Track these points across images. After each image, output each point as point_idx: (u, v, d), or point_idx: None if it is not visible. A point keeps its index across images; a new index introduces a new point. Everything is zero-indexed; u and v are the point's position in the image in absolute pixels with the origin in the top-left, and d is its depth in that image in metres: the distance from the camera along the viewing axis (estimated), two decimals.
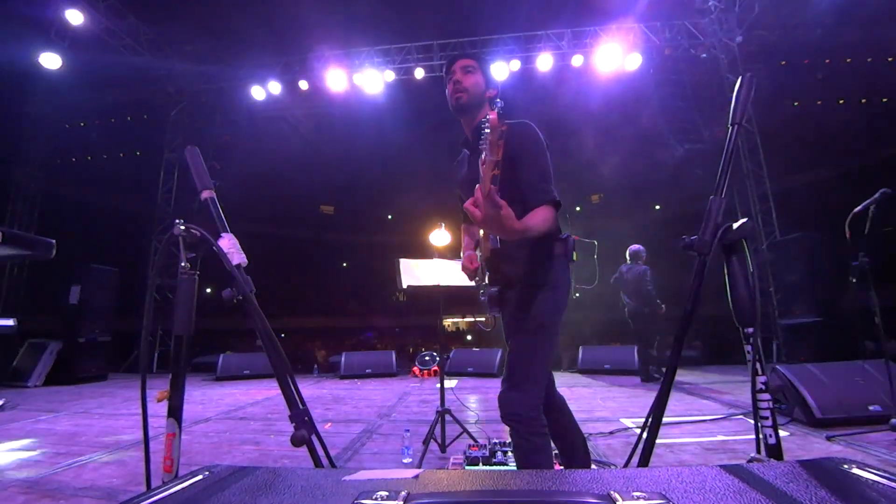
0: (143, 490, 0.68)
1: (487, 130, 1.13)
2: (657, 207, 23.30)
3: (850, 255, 2.81)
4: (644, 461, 1.25)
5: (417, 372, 7.51)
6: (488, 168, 1.14)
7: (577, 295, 5.33)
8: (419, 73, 9.40)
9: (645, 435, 1.30)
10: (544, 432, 1.40)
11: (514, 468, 1.80)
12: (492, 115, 1.11)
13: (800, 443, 2.75)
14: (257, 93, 9.83)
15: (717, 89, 8.94)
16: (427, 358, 7.73)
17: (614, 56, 8.79)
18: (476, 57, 1.65)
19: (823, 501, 0.52)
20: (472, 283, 1.80)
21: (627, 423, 3.43)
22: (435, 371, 7.29)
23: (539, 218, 1.35)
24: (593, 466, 2.20)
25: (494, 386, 1.54)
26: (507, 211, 1.17)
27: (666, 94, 9.73)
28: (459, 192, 1.72)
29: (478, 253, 1.77)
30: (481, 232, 1.61)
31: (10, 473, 2.37)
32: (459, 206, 1.67)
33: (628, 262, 6.01)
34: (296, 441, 1.27)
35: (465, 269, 1.76)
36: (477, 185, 1.15)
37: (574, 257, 1.56)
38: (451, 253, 3.25)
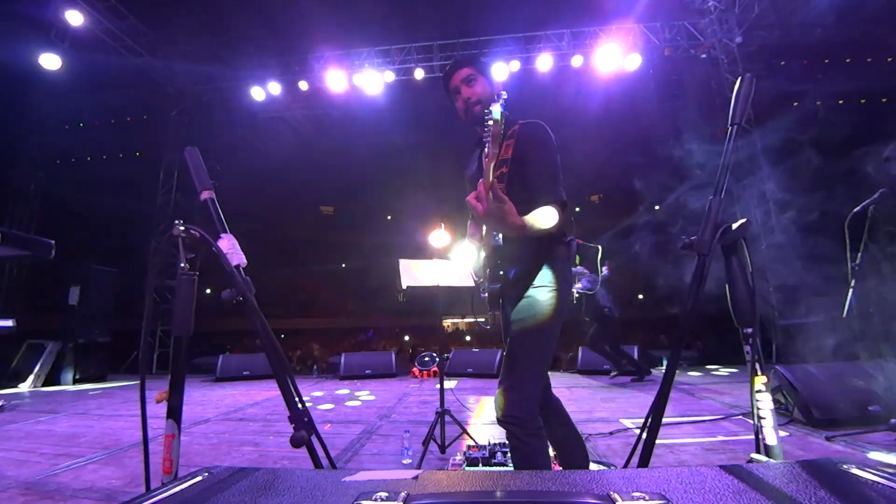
0: (143, 491, 0.68)
1: (490, 122, 1.11)
2: (657, 208, 23.33)
3: (850, 255, 2.81)
4: (644, 462, 1.25)
5: (417, 373, 7.50)
6: (491, 161, 1.13)
7: (577, 295, 5.36)
8: (419, 74, 9.38)
9: (644, 435, 1.30)
10: (540, 434, 1.39)
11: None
12: (493, 106, 1.08)
13: (799, 443, 2.74)
14: (257, 93, 9.83)
15: (717, 89, 8.94)
16: (427, 358, 7.72)
17: (614, 56, 8.79)
18: (472, 62, 1.60)
19: (823, 501, 0.52)
20: (472, 284, 1.79)
21: (627, 423, 3.43)
22: (434, 372, 7.28)
23: (542, 216, 1.33)
24: (593, 467, 2.20)
25: (494, 386, 1.53)
26: (510, 206, 1.15)
27: (665, 95, 9.73)
28: (468, 189, 1.72)
29: (482, 254, 1.76)
30: (484, 229, 1.60)
31: (10, 474, 2.37)
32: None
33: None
34: (295, 442, 1.27)
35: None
36: (480, 180, 1.14)
37: (577, 260, 1.56)
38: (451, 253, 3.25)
